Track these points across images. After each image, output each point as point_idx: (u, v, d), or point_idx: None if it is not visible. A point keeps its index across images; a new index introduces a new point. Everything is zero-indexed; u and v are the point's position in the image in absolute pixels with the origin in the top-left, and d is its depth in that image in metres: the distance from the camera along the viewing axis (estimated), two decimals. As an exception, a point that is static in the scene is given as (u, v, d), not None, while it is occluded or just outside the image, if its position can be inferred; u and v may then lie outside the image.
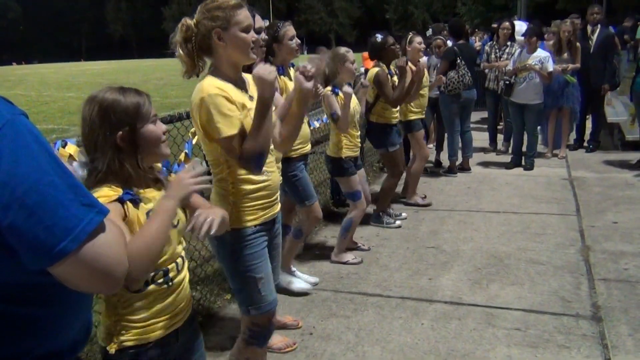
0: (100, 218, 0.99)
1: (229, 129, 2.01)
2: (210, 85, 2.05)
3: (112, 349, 1.58)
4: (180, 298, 1.69)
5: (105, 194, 1.50)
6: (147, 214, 1.56)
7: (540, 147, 7.27)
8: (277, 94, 2.69)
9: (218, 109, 2.01)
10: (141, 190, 1.59)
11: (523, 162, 6.76)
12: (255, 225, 2.21)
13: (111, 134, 1.54)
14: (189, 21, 2.07)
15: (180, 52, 2.06)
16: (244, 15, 2.07)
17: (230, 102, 2.04)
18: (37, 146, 0.94)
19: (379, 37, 4.70)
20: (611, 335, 2.96)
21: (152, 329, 1.62)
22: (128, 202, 1.52)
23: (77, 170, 2.07)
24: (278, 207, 2.35)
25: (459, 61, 6.31)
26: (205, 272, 3.75)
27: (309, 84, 2.19)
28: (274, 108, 2.13)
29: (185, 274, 1.72)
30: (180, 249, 1.70)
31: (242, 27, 2.06)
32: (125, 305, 1.58)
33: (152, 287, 1.60)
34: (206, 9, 2.06)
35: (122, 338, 1.59)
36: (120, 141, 1.54)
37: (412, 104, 5.18)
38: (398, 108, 4.77)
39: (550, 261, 3.95)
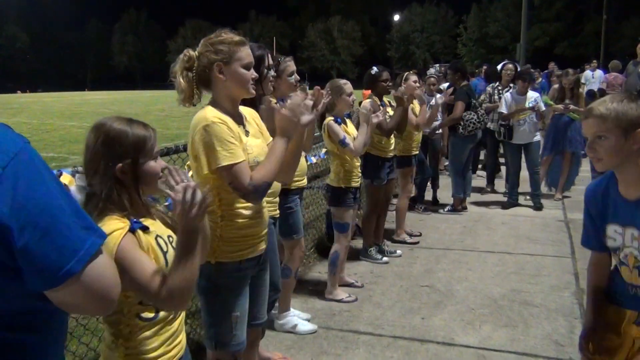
0: (100, 241, 1.03)
1: (229, 158, 2.03)
2: (212, 114, 2.08)
3: None
4: (181, 325, 1.69)
5: (115, 227, 1.49)
6: (156, 238, 1.57)
7: (543, 189, 7.33)
8: None
9: (220, 137, 2.03)
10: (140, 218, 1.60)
11: (523, 202, 6.79)
12: (240, 261, 2.20)
13: (113, 164, 1.54)
14: (191, 52, 2.12)
15: (180, 80, 2.09)
16: (245, 52, 2.13)
17: (231, 132, 2.06)
18: (46, 172, 0.99)
19: (374, 69, 4.82)
20: (604, 381, 2.91)
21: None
22: (139, 230, 1.53)
23: (75, 194, 2.11)
24: (265, 244, 2.32)
25: (474, 102, 6.36)
26: (196, 305, 3.70)
27: (310, 117, 2.21)
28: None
29: None
30: None
31: (243, 64, 2.11)
32: (136, 336, 1.56)
33: (162, 314, 1.59)
34: (210, 42, 2.11)
35: None
36: (120, 173, 1.55)
37: (408, 141, 5.25)
38: (393, 142, 4.80)
39: (544, 303, 3.92)
